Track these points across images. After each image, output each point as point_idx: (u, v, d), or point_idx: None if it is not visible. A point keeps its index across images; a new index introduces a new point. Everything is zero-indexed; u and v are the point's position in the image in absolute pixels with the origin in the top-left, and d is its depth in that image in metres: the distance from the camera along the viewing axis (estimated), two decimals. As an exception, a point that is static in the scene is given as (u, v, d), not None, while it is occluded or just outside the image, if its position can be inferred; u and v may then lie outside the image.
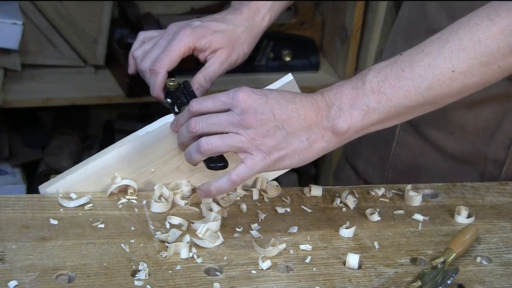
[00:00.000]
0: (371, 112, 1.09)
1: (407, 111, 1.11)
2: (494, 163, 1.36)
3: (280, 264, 1.11)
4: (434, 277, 1.08)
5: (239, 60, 1.34)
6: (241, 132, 1.09)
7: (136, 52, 1.33)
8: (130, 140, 1.20)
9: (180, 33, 1.28)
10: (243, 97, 1.10)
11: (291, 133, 1.10)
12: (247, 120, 1.09)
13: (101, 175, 1.21)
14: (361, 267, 1.12)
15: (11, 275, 1.02)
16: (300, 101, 1.10)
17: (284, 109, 1.09)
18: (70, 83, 2.47)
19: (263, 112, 1.09)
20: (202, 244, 1.12)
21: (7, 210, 1.15)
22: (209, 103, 1.12)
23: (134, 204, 1.20)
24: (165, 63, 1.27)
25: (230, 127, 1.10)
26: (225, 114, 1.10)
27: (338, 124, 1.09)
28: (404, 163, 1.44)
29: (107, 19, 2.51)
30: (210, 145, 1.10)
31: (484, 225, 1.23)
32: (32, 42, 2.44)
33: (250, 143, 1.09)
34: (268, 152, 1.10)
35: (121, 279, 1.04)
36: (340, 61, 2.61)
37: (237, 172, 1.10)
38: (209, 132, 1.11)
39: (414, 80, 1.09)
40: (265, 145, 1.09)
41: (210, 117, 1.11)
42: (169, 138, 1.20)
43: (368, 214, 1.23)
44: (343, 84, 1.11)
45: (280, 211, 1.22)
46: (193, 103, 1.13)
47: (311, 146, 1.10)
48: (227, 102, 1.11)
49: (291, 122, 1.09)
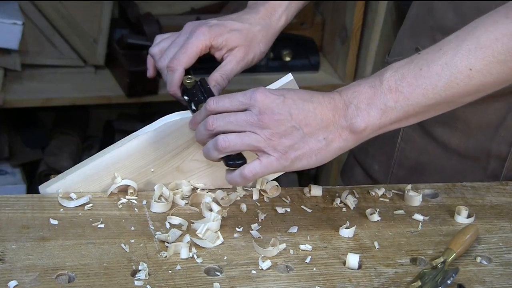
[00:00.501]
0: (388, 111, 1.09)
1: (424, 110, 1.11)
2: (497, 159, 1.37)
3: (280, 264, 1.11)
4: (434, 277, 1.08)
5: (255, 59, 1.34)
6: (258, 131, 1.09)
7: (153, 50, 1.34)
8: (130, 140, 1.20)
9: (197, 31, 1.28)
10: (261, 97, 1.10)
11: (308, 133, 1.10)
12: (264, 120, 1.09)
13: (101, 175, 1.21)
14: (361, 267, 1.12)
15: (11, 275, 1.02)
16: (317, 100, 1.10)
17: (301, 109, 1.09)
18: (70, 83, 2.47)
19: (280, 112, 1.09)
20: (202, 244, 1.12)
21: (7, 210, 1.15)
22: (226, 102, 1.12)
23: (134, 204, 1.20)
24: (182, 61, 1.27)
25: (247, 126, 1.10)
26: (242, 114, 1.11)
27: (355, 123, 1.09)
28: (409, 159, 1.44)
29: (107, 19, 2.51)
30: (227, 142, 1.10)
31: (484, 225, 1.23)
32: (32, 42, 2.44)
33: (266, 143, 1.09)
34: (285, 152, 1.10)
35: (121, 279, 1.04)
36: (340, 61, 2.61)
37: (250, 168, 1.10)
38: (226, 131, 1.11)
39: (431, 79, 1.08)
40: (281, 145, 1.09)
41: (227, 115, 1.11)
42: (169, 138, 1.20)
43: (368, 214, 1.23)
44: (360, 83, 1.11)
45: (280, 211, 1.22)
46: (210, 101, 1.14)
47: (328, 145, 1.10)
48: (245, 102, 1.11)
49: (308, 122, 1.09)
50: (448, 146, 1.39)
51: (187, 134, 1.21)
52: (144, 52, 2.49)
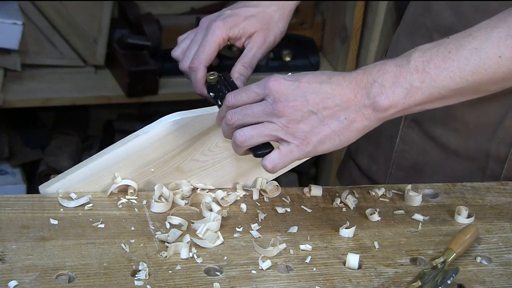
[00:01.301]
0: (413, 91, 1.08)
1: (449, 94, 1.09)
2: (496, 161, 1.37)
3: (280, 264, 1.11)
4: (434, 277, 1.08)
5: (277, 40, 1.34)
6: (274, 120, 1.09)
7: (176, 53, 1.34)
8: (130, 140, 1.20)
9: (212, 26, 1.28)
10: (274, 85, 1.09)
11: (328, 115, 1.09)
12: (279, 108, 1.09)
13: (101, 175, 1.21)
14: (361, 267, 1.12)
15: (11, 275, 1.02)
16: (336, 81, 1.09)
17: (318, 92, 1.09)
18: (70, 83, 2.47)
19: (295, 98, 1.08)
20: (202, 244, 1.12)
21: (7, 210, 1.15)
22: (243, 95, 1.12)
23: (134, 204, 1.20)
24: (202, 59, 1.27)
25: (263, 116, 1.10)
26: (258, 104, 1.11)
27: (379, 101, 1.08)
28: (408, 160, 1.44)
29: (107, 19, 2.51)
30: (244, 136, 1.11)
31: (484, 225, 1.23)
32: (32, 42, 2.45)
33: (284, 130, 1.09)
34: (304, 138, 1.09)
35: (121, 279, 1.04)
36: (340, 61, 2.61)
37: (269, 159, 1.10)
38: (245, 124, 1.11)
39: (459, 63, 1.07)
40: (300, 131, 1.09)
41: (244, 108, 1.11)
42: (169, 138, 1.20)
43: (368, 214, 1.23)
44: (386, 62, 1.10)
45: (280, 211, 1.22)
46: (229, 97, 1.14)
47: (350, 125, 1.09)
48: (260, 92, 1.11)
49: (326, 105, 1.08)
50: (446, 147, 1.39)
51: (187, 134, 1.21)
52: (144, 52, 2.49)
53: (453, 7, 1.31)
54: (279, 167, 1.11)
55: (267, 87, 1.10)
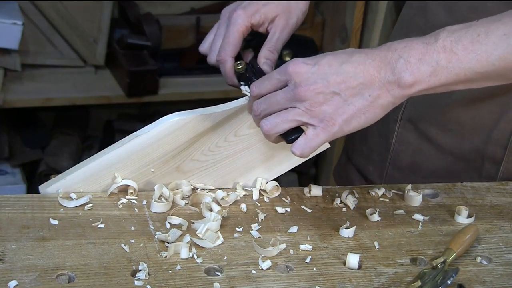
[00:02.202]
0: (439, 70, 1.07)
1: (475, 77, 1.09)
2: (491, 162, 1.37)
3: (280, 264, 1.11)
4: (434, 277, 1.07)
5: (299, 20, 1.33)
6: (297, 105, 1.09)
7: (203, 48, 1.34)
8: (130, 140, 1.20)
9: (233, 16, 1.28)
10: (294, 69, 1.10)
11: (351, 94, 1.08)
12: (300, 92, 1.09)
13: (101, 175, 1.21)
14: (361, 267, 1.12)
15: (11, 275, 1.02)
16: (357, 59, 1.09)
17: (339, 72, 1.08)
18: (70, 83, 2.47)
19: (316, 81, 1.08)
20: (202, 244, 1.12)
21: (7, 210, 1.15)
22: (266, 84, 1.13)
23: (134, 204, 1.20)
24: (228, 51, 1.27)
25: (287, 102, 1.10)
26: (281, 91, 1.11)
27: (404, 77, 1.07)
28: (403, 160, 1.44)
29: (107, 19, 2.51)
30: (269, 125, 1.11)
31: (484, 225, 1.23)
32: (32, 42, 2.45)
33: (308, 114, 1.09)
34: (330, 119, 1.09)
35: (121, 279, 1.04)
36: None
37: (296, 146, 1.11)
38: (271, 112, 1.12)
39: (487, 47, 1.07)
40: (324, 113, 1.09)
41: (268, 97, 1.12)
42: (169, 138, 1.20)
43: (368, 214, 1.23)
44: (413, 39, 1.09)
45: (280, 211, 1.22)
46: (253, 87, 1.14)
47: (375, 101, 1.09)
48: (282, 78, 1.11)
49: (348, 84, 1.08)
50: (442, 148, 1.39)
51: (187, 134, 1.21)
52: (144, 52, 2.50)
53: (448, 8, 1.31)
54: (308, 152, 1.11)
55: (288, 73, 1.10)
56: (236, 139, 1.24)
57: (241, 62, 1.25)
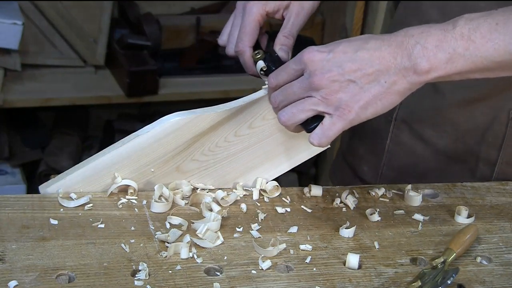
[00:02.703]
0: (456, 57, 1.07)
1: (492, 66, 1.08)
2: (485, 163, 1.37)
3: (280, 264, 1.11)
4: (434, 277, 1.07)
5: (315, 4, 1.32)
6: (313, 94, 1.09)
7: (221, 41, 1.33)
8: (130, 140, 1.20)
9: (248, 6, 1.28)
10: (309, 58, 1.10)
11: (367, 81, 1.08)
12: (316, 81, 1.09)
13: (101, 175, 1.21)
14: (361, 267, 1.12)
15: (11, 275, 1.02)
16: (373, 46, 1.09)
17: (354, 59, 1.08)
18: (70, 83, 2.47)
19: (330, 69, 1.08)
20: (202, 244, 1.12)
21: (7, 210, 1.15)
22: (283, 74, 1.13)
23: (134, 204, 1.20)
24: (245, 41, 1.27)
25: (303, 92, 1.10)
26: (296, 81, 1.11)
27: (420, 63, 1.07)
28: (398, 161, 1.44)
29: (107, 19, 2.51)
30: (286, 116, 1.12)
31: (484, 225, 1.23)
32: (32, 42, 2.45)
33: (324, 103, 1.09)
34: (346, 107, 1.09)
35: (121, 279, 1.04)
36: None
37: (313, 135, 1.11)
38: (289, 103, 1.12)
39: (506, 36, 1.06)
40: (340, 101, 1.09)
41: (285, 88, 1.12)
42: (169, 138, 1.20)
43: (368, 214, 1.23)
44: (430, 25, 1.09)
45: (280, 211, 1.22)
46: (270, 78, 1.15)
47: (391, 88, 1.08)
48: (297, 68, 1.11)
49: (364, 71, 1.08)
50: (436, 148, 1.39)
51: (187, 134, 1.21)
52: (144, 52, 2.50)
53: (442, 9, 1.31)
54: (325, 141, 1.11)
55: (303, 61, 1.10)
56: (236, 139, 1.24)
57: (259, 51, 1.25)
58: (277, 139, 1.25)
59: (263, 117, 1.24)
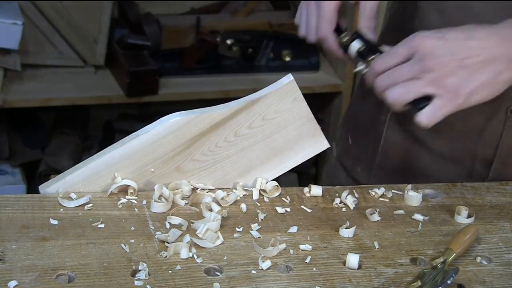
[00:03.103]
0: None
1: None
2: (482, 163, 1.37)
3: (280, 264, 1.11)
4: (434, 277, 1.08)
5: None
6: (424, 76, 1.12)
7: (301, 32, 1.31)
8: (130, 140, 1.20)
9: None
10: (421, 41, 1.12)
11: (475, 69, 1.11)
12: (428, 65, 1.11)
13: (101, 175, 1.21)
14: (361, 267, 1.12)
15: (11, 275, 1.02)
16: (480, 35, 1.11)
17: (464, 47, 1.11)
18: (70, 83, 2.47)
19: (443, 54, 1.11)
20: (202, 244, 1.12)
21: (7, 210, 1.15)
22: (389, 59, 1.15)
23: (134, 204, 1.20)
24: (325, 28, 1.27)
25: (414, 75, 1.12)
26: (406, 65, 1.13)
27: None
28: (392, 162, 1.44)
29: (107, 19, 2.51)
30: (395, 95, 1.14)
31: (484, 225, 1.23)
32: (32, 42, 2.45)
33: (435, 85, 1.12)
34: (455, 91, 1.12)
35: (121, 279, 1.04)
36: (340, 62, 2.60)
37: (423, 114, 1.14)
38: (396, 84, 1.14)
39: None
40: (450, 85, 1.11)
41: (392, 72, 1.14)
42: (169, 138, 1.20)
43: (368, 214, 1.23)
44: None
45: (280, 211, 1.22)
46: (376, 64, 1.16)
47: (497, 77, 1.12)
48: (405, 52, 1.13)
49: (473, 59, 1.11)
50: (432, 149, 1.39)
51: (187, 134, 1.21)
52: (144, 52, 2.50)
53: (440, 9, 1.31)
54: (433, 121, 1.14)
55: (413, 46, 1.12)
56: (236, 139, 1.24)
57: (345, 34, 1.25)
58: (277, 139, 1.26)
59: (263, 117, 1.24)
